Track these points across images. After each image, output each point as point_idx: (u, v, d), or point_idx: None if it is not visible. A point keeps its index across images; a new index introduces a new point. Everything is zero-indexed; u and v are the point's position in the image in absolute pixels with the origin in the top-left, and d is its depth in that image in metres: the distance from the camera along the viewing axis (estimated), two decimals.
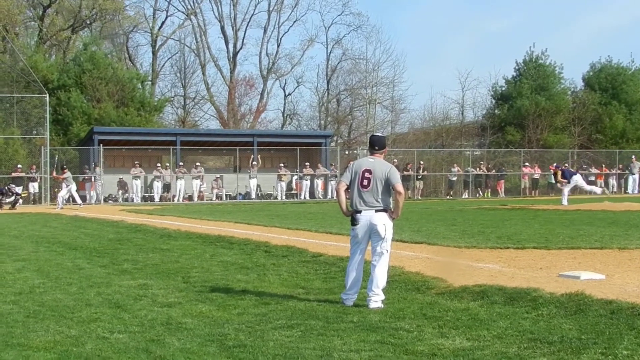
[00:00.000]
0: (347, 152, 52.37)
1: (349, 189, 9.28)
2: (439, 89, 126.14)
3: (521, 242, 14.89)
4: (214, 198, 42.30)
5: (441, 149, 53.92)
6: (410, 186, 42.68)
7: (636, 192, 46.34)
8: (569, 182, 30.16)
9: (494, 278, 10.28)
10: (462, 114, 63.73)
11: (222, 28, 65.87)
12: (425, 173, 45.36)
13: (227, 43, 66.29)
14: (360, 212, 9.10)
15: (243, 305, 9.13)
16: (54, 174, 36.48)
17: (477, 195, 45.31)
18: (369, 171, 9.11)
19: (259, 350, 6.88)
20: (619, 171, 49.05)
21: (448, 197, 44.66)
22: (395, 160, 43.31)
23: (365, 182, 9.10)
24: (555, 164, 34.11)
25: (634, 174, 47.49)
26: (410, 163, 44.75)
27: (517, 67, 58.98)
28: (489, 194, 45.69)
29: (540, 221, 21.44)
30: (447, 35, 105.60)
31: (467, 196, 45.00)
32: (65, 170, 34.62)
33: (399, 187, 9.09)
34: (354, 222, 9.16)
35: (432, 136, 59.46)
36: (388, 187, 9.07)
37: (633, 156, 48.15)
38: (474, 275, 10.57)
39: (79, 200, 34.66)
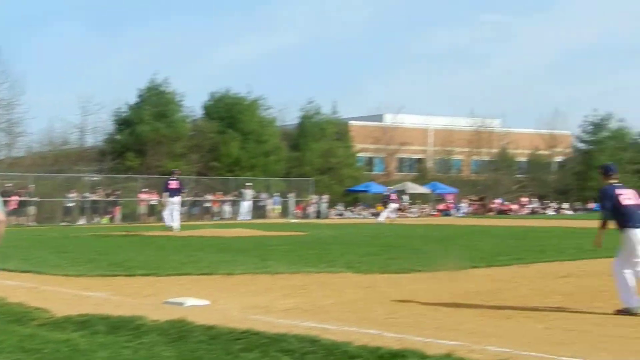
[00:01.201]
0: None
1: None
2: (60, 113, 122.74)
3: (131, 269, 14.91)
4: None
5: (59, 174, 52.39)
6: (24, 212, 40.98)
7: (248, 218, 48.64)
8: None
9: (99, 307, 10.19)
10: (82, 138, 62.52)
11: None
12: (38, 199, 43.76)
13: None
14: None
15: None
16: None
17: (94, 221, 44.70)
18: None
19: None
20: (233, 197, 51.21)
21: (64, 223, 43.46)
22: (10, 185, 41.38)
23: None
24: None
25: (246, 201, 49.95)
26: (24, 188, 42.99)
27: (139, 94, 59.14)
28: (107, 220, 45.30)
29: (153, 247, 21.62)
30: (69, 59, 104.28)
31: (84, 222, 44.19)
32: None
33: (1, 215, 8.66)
34: None
35: (49, 160, 57.56)
36: None
37: (246, 183, 50.66)
38: (80, 305, 10.40)
39: None
